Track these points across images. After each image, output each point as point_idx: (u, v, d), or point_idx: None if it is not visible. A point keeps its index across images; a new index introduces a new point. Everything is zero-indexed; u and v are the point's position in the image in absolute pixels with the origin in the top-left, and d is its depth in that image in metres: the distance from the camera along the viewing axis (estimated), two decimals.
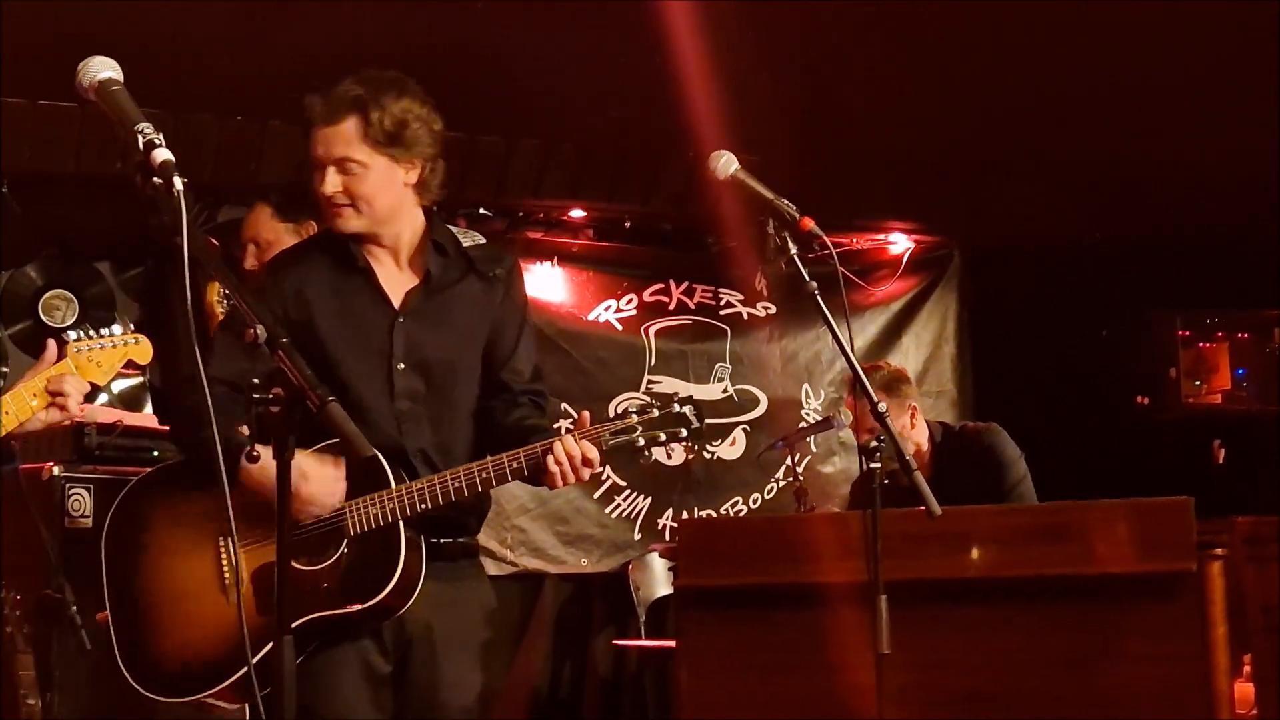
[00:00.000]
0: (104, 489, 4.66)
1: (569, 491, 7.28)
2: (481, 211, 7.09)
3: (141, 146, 2.43)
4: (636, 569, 7.33)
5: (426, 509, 3.16)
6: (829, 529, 4.31)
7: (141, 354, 3.61)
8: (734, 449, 7.75)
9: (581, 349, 7.46)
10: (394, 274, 3.36)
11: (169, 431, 3.69)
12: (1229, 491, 7.18)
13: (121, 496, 3.37)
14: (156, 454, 4.73)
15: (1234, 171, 6.72)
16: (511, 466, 3.18)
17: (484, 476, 3.18)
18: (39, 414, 3.42)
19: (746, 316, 7.89)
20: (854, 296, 7.80)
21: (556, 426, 3.32)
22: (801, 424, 7.63)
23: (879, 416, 3.37)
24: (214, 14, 5.19)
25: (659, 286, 7.73)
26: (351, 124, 3.23)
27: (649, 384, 7.59)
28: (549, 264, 7.44)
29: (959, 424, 6.11)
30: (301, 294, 3.30)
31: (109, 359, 3.54)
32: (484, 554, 6.87)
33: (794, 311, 7.79)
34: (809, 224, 3.38)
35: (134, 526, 3.33)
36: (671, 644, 5.20)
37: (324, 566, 3.19)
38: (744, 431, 7.78)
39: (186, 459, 3.38)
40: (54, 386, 3.42)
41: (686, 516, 7.46)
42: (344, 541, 3.19)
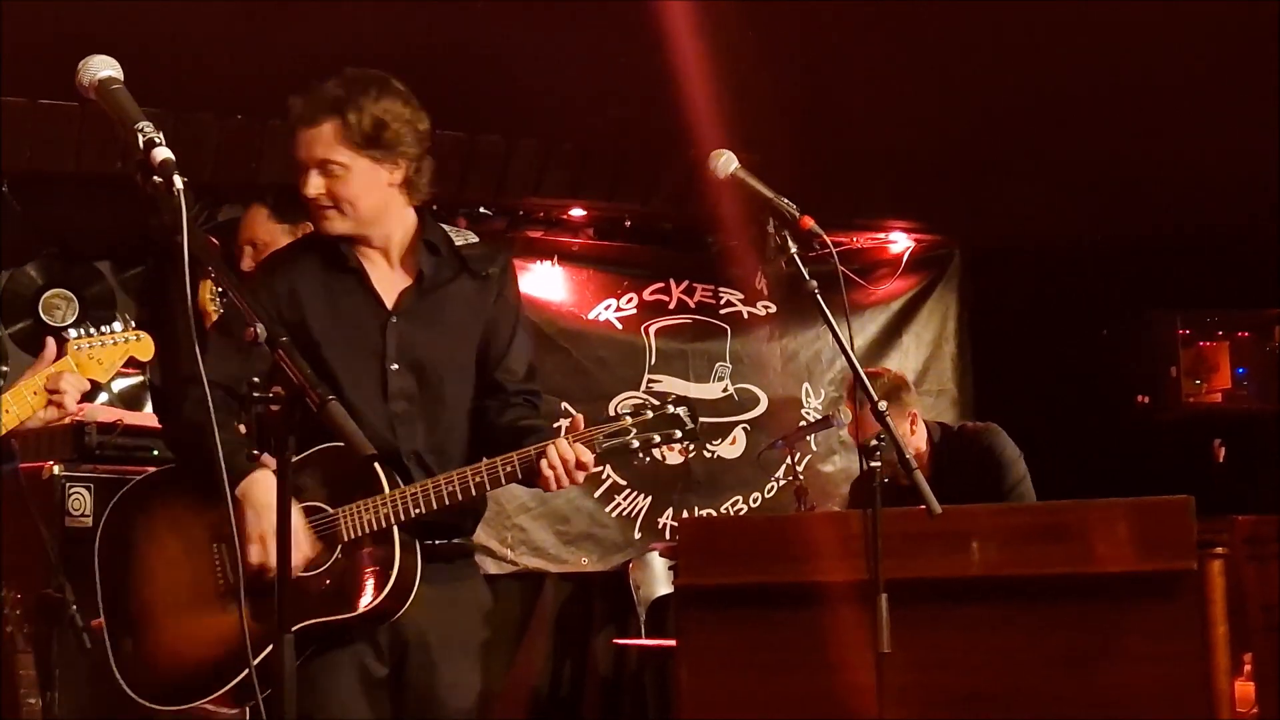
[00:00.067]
0: (104, 488, 4.65)
1: (569, 490, 7.18)
2: (482, 211, 7.09)
3: (142, 145, 2.42)
4: (637, 568, 7.32)
5: (420, 514, 3.13)
6: (829, 528, 4.31)
7: (143, 350, 3.59)
8: (734, 448, 7.74)
9: (582, 348, 7.45)
10: (386, 274, 3.33)
11: (162, 435, 3.65)
12: (1229, 490, 7.17)
13: (114, 502, 3.35)
14: (157, 453, 4.72)
15: (1234, 171, 6.71)
16: (505, 470, 3.15)
17: (478, 481, 3.15)
18: (38, 412, 3.41)
19: (747, 315, 7.88)
20: (854, 295, 7.80)
21: (556, 426, 3.29)
22: (801, 423, 7.63)
23: (879, 416, 3.36)
24: (214, 14, 5.19)
25: (659, 286, 7.73)
26: (331, 126, 3.20)
27: (649, 383, 7.58)
28: (549, 263, 7.44)
29: (958, 424, 6.11)
30: (294, 294, 3.28)
31: (110, 356, 3.52)
32: (484, 553, 6.98)
33: (794, 310, 7.78)
34: (809, 223, 3.38)
35: (127, 532, 3.30)
36: (672, 643, 5.20)
37: (318, 573, 3.15)
38: (744, 431, 7.78)
39: (180, 463, 3.36)
40: (52, 384, 3.40)
41: (687, 516, 7.46)
42: (338, 547, 3.16)
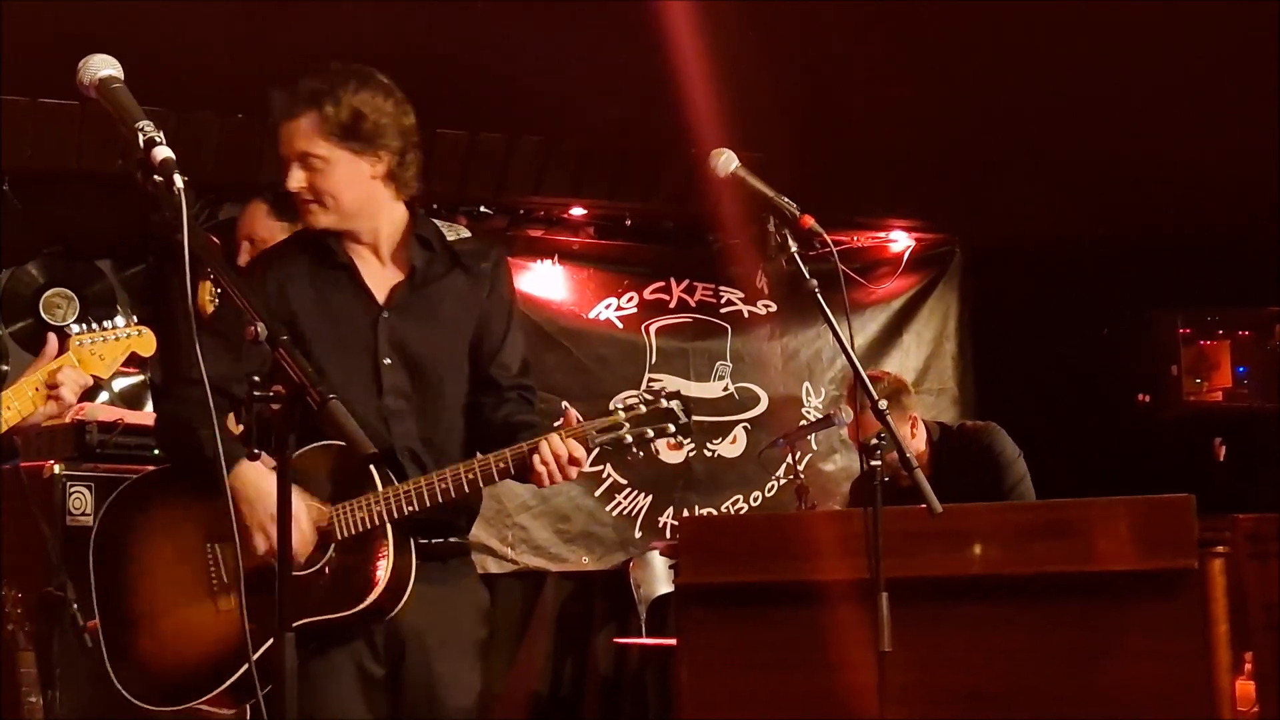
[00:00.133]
0: (105, 487, 4.65)
1: (570, 489, 7.28)
2: (482, 209, 7.09)
3: (142, 144, 2.42)
4: (637, 567, 7.32)
5: (414, 511, 3.11)
6: (830, 527, 4.31)
7: (145, 346, 3.57)
8: (735, 447, 7.74)
9: (582, 347, 7.45)
10: (377, 269, 3.30)
11: (155, 434, 3.62)
12: (1230, 489, 7.18)
13: (109, 502, 3.34)
14: (158, 452, 4.72)
15: (1234, 171, 6.72)
16: (499, 467, 3.13)
17: (470, 478, 3.13)
18: (40, 408, 3.40)
19: (747, 314, 7.88)
20: (855, 294, 7.79)
21: (557, 425, 3.26)
22: (802, 422, 7.62)
23: (880, 415, 3.36)
24: (214, 13, 5.20)
25: (660, 284, 7.72)
26: (310, 119, 3.18)
27: (650, 382, 7.58)
28: (550, 262, 7.43)
29: (957, 423, 6.11)
30: (284, 291, 3.24)
31: (112, 351, 3.50)
32: (485, 552, 6.98)
33: (795, 309, 7.78)
34: (809, 222, 3.38)
35: (122, 533, 3.29)
36: (672, 642, 5.20)
37: (313, 571, 3.14)
38: (745, 429, 7.77)
39: (171, 464, 3.35)
40: (52, 379, 3.39)
41: (687, 514, 7.45)
42: (332, 546, 3.14)
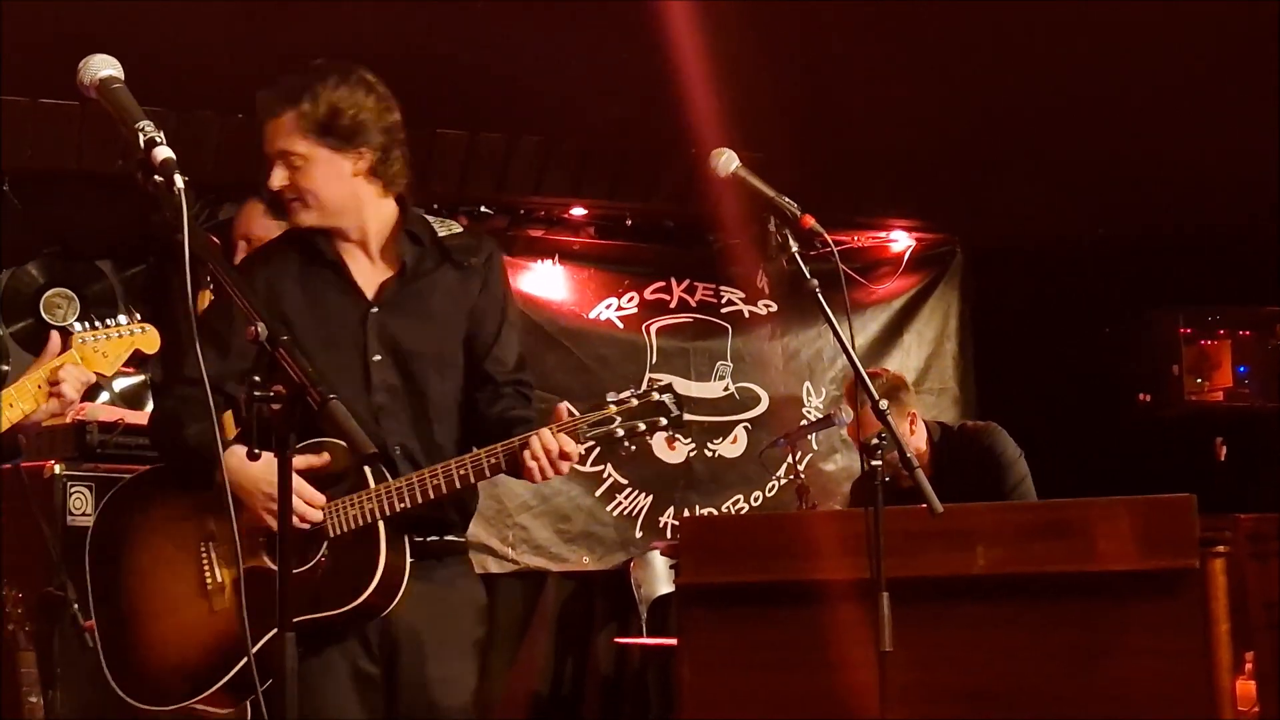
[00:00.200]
0: (105, 487, 4.63)
1: (571, 489, 7.28)
2: (482, 209, 7.09)
3: (143, 144, 2.42)
4: (638, 567, 7.32)
5: (405, 507, 3.09)
6: (830, 526, 4.31)
7: (149, 343, 3.56)
8: (735, 447, 7.74)
9: (583, 347, 7.45)
10: (366, 266, 3.28)
11: (147, 434, 3.60)
12: (1231, 488, 7.18)
13: (104, 503, 3.34)
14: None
15: (1234, 171, 6.72)
16: (490, 462, 3.11)
17: (462, 473, 3.10)
18: (42, 406, 3.40)
19: (748, 314, 7.88)
20: (855, 294, 7.79)
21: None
22: (803, 421, 7.62)
23: (880, 415, 3.36)
24: (214, 13, 5.20)
25: (660, 284, 7.72)
26: (289, 117, 3.16)
27: (650, 382, 7.57)
28: (550, 262, 7.44)
29: (958, 424, 6.11)
30: (274, 289, 3.22)
31: (115, 349, 3.49)
32: (486, 552, 6.98)
33: (795, 309, 7.77)
34: (810, 221, 3.38)
35: (117, 533, 3.28)
36: (673, 642, 5.20)
37: (305, 570, 3.12)
38: (745, 429, 7.77)
39: (163, 463, 3.33)
40: (53, 376, 3.39)
41: (688, 514, 7.45)
42: (324, 544, 3.12)
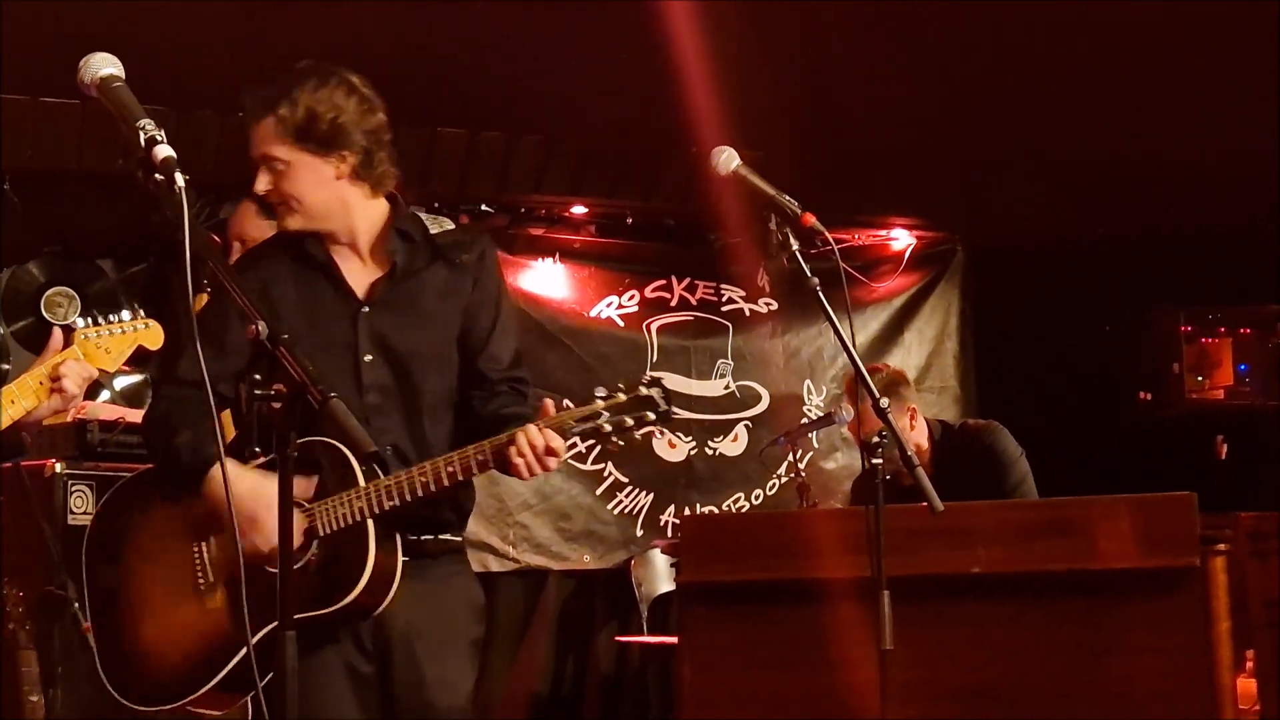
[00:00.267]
0: (106, 486, 4.63)
1: (572, 487, 7.29)
2: (483, 208, 7.09)
3: (143, 143, 2.42)
4: (639, 565, 7.32)
5: (394, 505, 3.06)
6: (831, 525, 4.31)
7: (152, 339, 3.55)
8: (736, 445, 7.74)
9: (584, 345, 7.45)
10: (357, 267, 3.26)
11: (141, 435, 3.59)
12: (1232, 487, 7.18)
13: (102, 503, 3.33)
14: None
15: (1234, 171, 6.72)
16: (477, 459, 3.07)
17: (450, 470, 3.07)
18: (45, 402, 3.39)
19: (748, 312, 7.88)
20: (856, 292, 7.79)
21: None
22: (804, 420, 7.62)
23: (881, 413, 3.36)
24: (214, 13, 5.20)
25: (661, 283, 7.72)
26: (269, 122, 3.17)
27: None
28: (550, 260, 7.44)
29: (959, 422, 6.11)
30: (266, 291, 3.20)
31: (118, 345, 3.48)
32: (486, 550, 6.98)
33: (796, 307, 7.78)
34: (810, 220, 3.38)
35: (113, 533, 3.27)
36: (674, 640, 5.21)
37: (295, 568, 3.05)
38: (746, 427, 7.77)
39: (153, 464, 3.32)
40: (55, 373, 3.38)
41: (688, 513, 7.46)
42: (314, 543, 3.11)
